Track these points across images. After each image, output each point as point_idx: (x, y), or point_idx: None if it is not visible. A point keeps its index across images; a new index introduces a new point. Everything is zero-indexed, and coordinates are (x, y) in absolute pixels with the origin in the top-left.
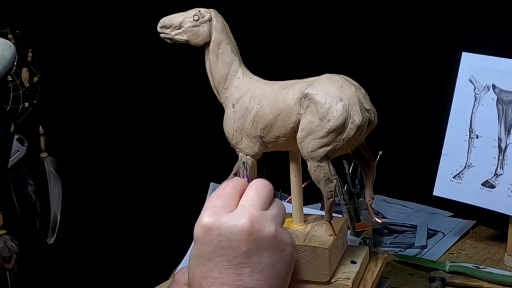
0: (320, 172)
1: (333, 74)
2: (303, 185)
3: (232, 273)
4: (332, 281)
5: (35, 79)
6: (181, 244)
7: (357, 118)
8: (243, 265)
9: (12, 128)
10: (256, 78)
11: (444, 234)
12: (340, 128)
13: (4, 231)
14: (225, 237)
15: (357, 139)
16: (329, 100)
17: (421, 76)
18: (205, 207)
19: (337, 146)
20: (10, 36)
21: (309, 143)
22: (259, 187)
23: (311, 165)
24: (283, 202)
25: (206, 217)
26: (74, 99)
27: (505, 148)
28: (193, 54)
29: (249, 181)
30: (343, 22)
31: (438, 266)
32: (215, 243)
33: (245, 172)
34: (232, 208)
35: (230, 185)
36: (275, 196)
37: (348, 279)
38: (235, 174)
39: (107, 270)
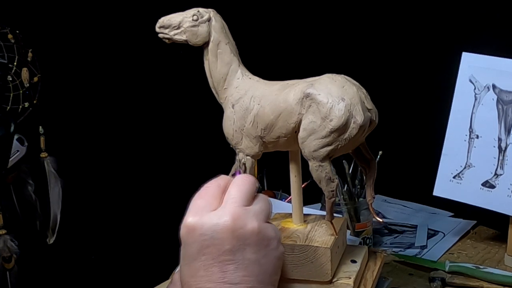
0: (321, 172)
1: (334, 74)
2: (303, 185)
3: (217, 271)
4: (334, 280)
5: (35, 79)
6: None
7: (359, 118)
8: (227, 263)
9: (12, 128)
10: (256, 78)
11: (444, 234)
12: (342, 128)
13: (4, 231)
14: (208, 236)
15: (358, 138)
16: (331, 100)
17: (421, 76)
18: (189, 208)
19: (339, 145)
20: (10, 36)
21: (311, 143)
22: (241, 183)
23: (312, 165)
24: (271, 199)
25: (189, 218)
26: (74, 99)
27: (505, 148)
28: (192, 54)
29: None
30: (343, 22)
31: (438, 266)
32: (199, 242)
33: (239, 169)
34: (215, 206)
35: (213, 183)
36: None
37: (350, 278)
38: (234, 175)
39: (107, 270)
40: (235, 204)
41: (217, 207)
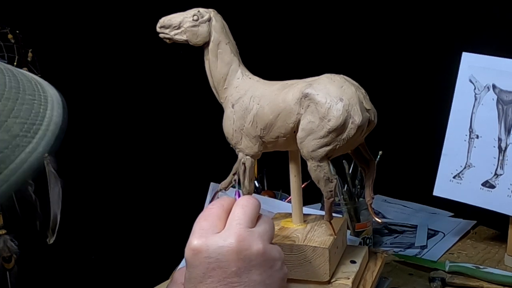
0: (320, 172)
1: (333, 74)
2: (303, 185)
3: None
4: (332, 280)
5: None
6: (181, 244)
7: (357, 118)
8: (233, 285)
9: None
10: (256, 78)
11: (444, 234)
12: (340, 128)
13: (4, 231)
14: (214, 259)
15: (357, 139)
16: (330, 100)
17: (421, 76)
18: (193, 230)
19: (337, 146)
20: (10, 36)
21: (309, 143)
22: (245, 205)
23: (311, 165)
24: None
25: (194, 240)
26: (73, 99)
27: (505, 148)
28: (192, 54)
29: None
30: (343, 22)
31: (438, 266)
32: (204, 265)
33: (238, 190)
34: (220, 228)
35: (217, 204)
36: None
37: (348, 278)
38: (234, 174)
39: (107, 270)
40: (240, 226)
41: (222, 229)
